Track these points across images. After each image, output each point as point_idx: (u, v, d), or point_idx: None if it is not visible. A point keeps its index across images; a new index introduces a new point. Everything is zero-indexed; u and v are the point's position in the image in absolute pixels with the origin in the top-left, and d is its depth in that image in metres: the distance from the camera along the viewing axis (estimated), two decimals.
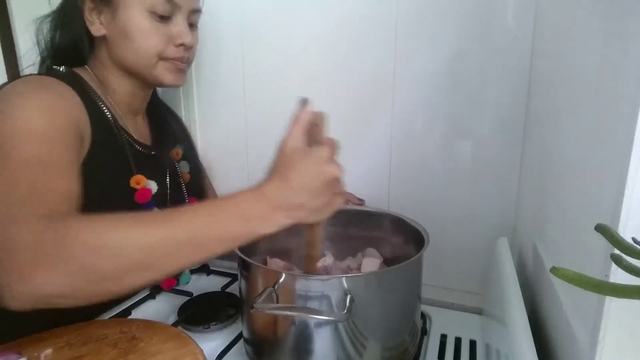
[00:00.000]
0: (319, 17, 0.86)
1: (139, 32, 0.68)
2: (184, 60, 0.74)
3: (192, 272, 0.91)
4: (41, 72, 0.73)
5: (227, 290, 0.83)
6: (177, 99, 1.01)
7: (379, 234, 0.74)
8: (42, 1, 0.73)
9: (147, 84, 0.77)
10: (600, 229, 0.26)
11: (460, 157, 0.81)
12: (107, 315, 0.74)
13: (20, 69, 0.98)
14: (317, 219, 0.51)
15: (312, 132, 0.51)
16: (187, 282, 0.86)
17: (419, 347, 0.65)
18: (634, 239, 0.25)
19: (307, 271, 0.61)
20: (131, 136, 0.76)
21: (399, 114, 0.83)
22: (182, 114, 1.01)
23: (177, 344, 0.58)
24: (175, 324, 0.69)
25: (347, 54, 0.84)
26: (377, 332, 0.56)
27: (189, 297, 0.79)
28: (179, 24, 0.71)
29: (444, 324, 0.73)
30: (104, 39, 0.71)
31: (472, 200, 0.81)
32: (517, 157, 0.77)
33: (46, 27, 0.73)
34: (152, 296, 0.81)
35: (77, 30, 0.70)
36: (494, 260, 0.68)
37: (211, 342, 0.66)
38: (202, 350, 0.57)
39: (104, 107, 0.71)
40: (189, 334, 0.61)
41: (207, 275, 0.91)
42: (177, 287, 0.84)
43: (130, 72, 0.73)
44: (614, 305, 0.33)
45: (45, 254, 0.43)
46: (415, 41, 0.79)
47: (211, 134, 1.02)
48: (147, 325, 0.63)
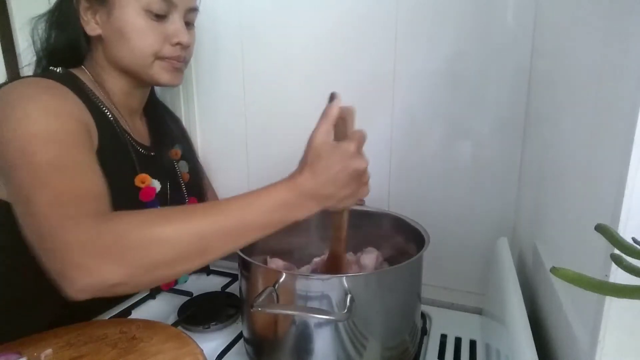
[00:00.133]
0: (318, 16, 0.86)
1: (135, 32, 0.68)
2: (180, 59, 0.73)
3: (192, 272, 0.91)
4: (38, 74, 0.72)
5: (227, 290, 0.83)
6: (177, 99, 1.01)
7: (379, 234, 0.74)
8: (42, 1, 0.73)
9: (144, 84, 0.77)
10: (600, 229, 0.26)
11: (460, 157, 0.81)
12: (107, 315, 0.74)
13: (20, 68, 0.98)
14: (344, 206, 0.57)
15: (340, 126, 0.55)
16: (185, 282, 0.86)
17: (419, 347, 0.65)
18: (634, 239, 0.25)
19: (334, 252, 0.65)
20: (132, 137, 0.76)
21: (399, 114, 0.83)
22: (182, 114, 1.01)
23: (177, 344, 0.58)
24: (175, 324, 0.69)
25: (347, 54, 0.84)
26: (377, 332, 0.56)
27: (189, 297, 0.79)
28: (175, 22, 0.71)
29: (444, 324, 0.73)
30: (99, 38, 0.70)
31: (472, 200, 0.81)
32: (517, 157, 0.77)
33: (41, 26, 0.72)
34: (152, 296, 0.81)
35: (72, 30, 0.70)
36: (494, 260, 0.68)
37: (211, 342, 0.66)
38: (202, 350, 0.57)
39: (104, 108, 0.70)
40: (189, 334, 0.61)
41: (207, 275, 0.91)
42: (177, 287, 0.84)
43: (126, 72, 0.72)
44: (614, 305, 0.33)
45: (104, 248, 0.46)
46: (415, 41, 0.79)
47: (211, 134, 1.02)
48: (147, 325, 0.63)
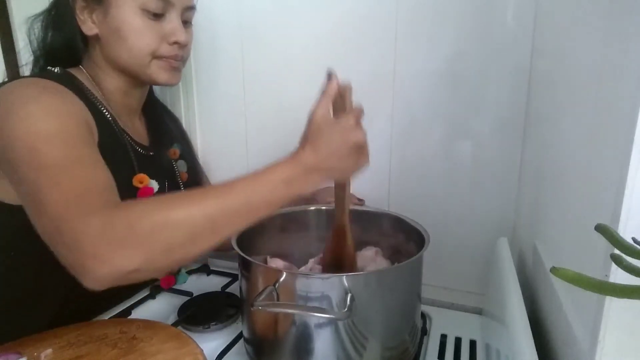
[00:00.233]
0: (318, 16, 0.86)
1: (132, 31, 0.68)
2: (178, 58, 0.73)
3: (192, 272, 0.91)
4: (35, 74, 0.71)
5: (227, 290, 0.83)
6: (177, 99, 1.01)
7: (379, 234, 0.74)
8: (43, 1, 0.72)
9: (142, 83, 0.76)
10: (600, 229, 0.26)
11: (460, 157, 0.81)
12: (107, 315, 0.74)
13: (19, 67, 0.98)
14: (345, 178, 0.62)
15: (339, 102, 0.58)
16: (185, 281, 0.86)
17: (419, 347, 0.65)
18: (634, 239, 0.25)
19: (339, 224, 0.67)
20: (130, 137, 0.75)
21: (399, 114, 0.83)
22: (182, 114, 1.01)
23: (177, 344, 0.58)
24: (175, 324, 0.69)
25: (347, 54, 0.84)
26: (377, 331, 0.56)
27: (189, 297, 0.79)
28: (172, 21, 0.70)
29: (444, 324, 0.73)
30: (96, 38, 0.70)
31: (472, 200, 0.81)
32: (517, 157, 0.77)
33: (38, 26, 0.72)
34: (152, 296, 0.81)
35: (69, 29, 0.70)
36: (494, 260, 0.68)
37: (211, 342, 0.66)
38: (202, 350, 0.57)
39: (103, 108, 0.70)
40: (189, 334, 0.61)
41: (207, 275, 0.91)
42: (177, 287, 0.84)
43: (124, 71, 0.72)
44: (614, 305, 0.33)
45: (119, 236, 0.47)
46: (415, 41, 0.79)
47: (211, 133, 1.02)
48: (147, 325, 0.63)
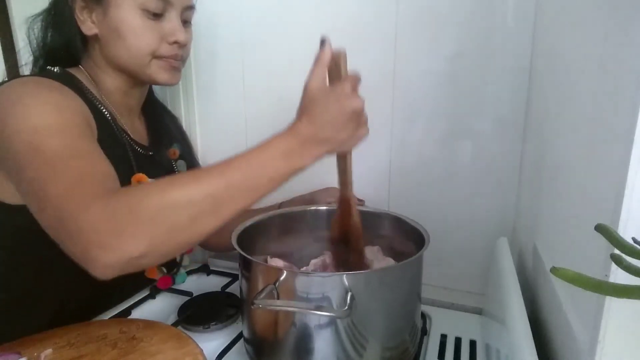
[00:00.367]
0: (318, 16, 0.86)
1: (131, 31, 0.68)
2: (178, 57, 0.73)
3: (192, 272, 0.91)
4: (35, 73, 0.72)
5: (227, 290, 0.83)
6: (177, 99, 1.01)
7: (379, 234, 0.74)
8: (43, 0, 0.72)
9: (142, 83, 0.76)
10: (600, 229, 0.26)
11: (460, 157, 0.81)
12: (107, 315, 0.74)
13: (19, 67, 0.98)
14: (345, 149, 0.59)
15: (334, 70, 0.56)
16: (183, 281, 0.86)
17: (419, 347, 0.65)
18: (634, 239, 0.25)
19: (343, 197, 0.66)
20: (130, 136, 0.76)
21: (399, 114, 0.83)
22: (182, 114, 1.01)
23: (177, 344, 0.58)
24: (175, 324, 0.69)
25: (347, 54, 0.84)
26: (377, 331, 0.56)
27: (189, 297, 0.79)
28: (171, 21, 0.70)
29: (444, 324, 0.73)
30: (96, 38, 0.70)
31: (472, 200, 0.81)
32: (517, 157, 0.77)
33: (37, 26, 0.72)
34: (152, 296, 0.81)
35: (68, 29, 0.70)
36: (494, 260, 0.68)
37: (211, 342, 0.66)
38: (202, 350, 0.57)
39: (103, 108, 0.70)
40: (189, 334, 0.61)
41: (207, 275, 0.91)
42: (177, 287, 0.84)
43: (124, 71, 0.72)
44: (614, 305, 0.33)
45: (122, 222, 0.46)
46: (415, 41, 0.79)
47: (211, 133, 1.02)
48: (147, 325, 0.63)
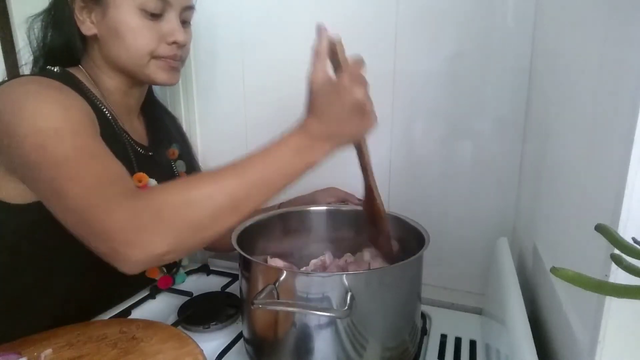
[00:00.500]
0: (318, 16, 0.85)
1: (130, 31, 0.68)
2: (177, 58, 0.73)
3: (191, 272, 0.91)
4: (35, 73, 0.72)
5: (227, 290, 0.83)
6: (177, 99, 1.01)
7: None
8: (43, 0, 0.72)
9: (141, 83, 0.76)
10: (600, 229, 0.26)
11: (460, 157, 0.81)
12: (107, 315, 0.74)
13: (19, 67, 0.98)
14: (355, 141, 0.60)
15: (332, 59, 0.57)
16: (183, 281, 0.86)
17: (419, 347, 0.65)
18: (634, 239, 0.25)
19: (365, 185, 0.65)
20: (129, 136, 0.76)
21: (399, 114, 0.83)
22: (182, 114, 1.01)
23: (177, 344, 0.58)
24: (175, 324, 0.69)
25: (347, 54, 0.84)
26: (377, 331, 0.56)
27: (189, 297, 0.79)
28: (170, 21, 0.70)
29: (444, 324, 0.73)
30: (95, 38, 0.70)
31: (472, 200, 0.81)
32: (517, 157, 0.77)
33: (37, 26, 0.72)
34: (152, 296, 0.81)
35: (67, 29, 0.70)
36: (494, 260, 0.68)
37: (211, 342, 0.66)
38: (202, 350, 0.57)
39: (103, 108, 0.70)
40: (189, 334, 0.61)
41: (207, 275, 0.91)
42: (177, 287, 0.84)
43: (123, 71, 0.72)
44: (614, 305, 0.33)
45: (146, 222, 0.49)
46: (415, 41, 0.79)
47: (211, 133, 1.02)
48: (147, 325, 0.63)
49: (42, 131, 0.55)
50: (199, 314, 0.72)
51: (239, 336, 0.67)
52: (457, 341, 0.68)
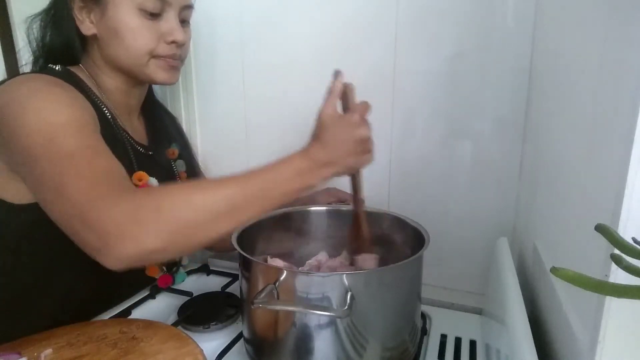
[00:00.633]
0: (319, 16, 0.86)
1: (129, 31, 0.68)
2: (176, 57, 0.73)
3: (191, 272, 0.91)
4: (36, 71, 0.72)
5: (227, 290, 0.83)
6: (177, 99, 1.01)
7: (379, 234, 0.74)
8: (43, 0, 0.72)
9: (141, 82, 0.76)
10: (600, 229, 0.26)
11: (460, 157, 0.81)
12: (107, 315, 0.74)
13: (19, 67, 0.98)
14: (352, 171, 0.65)
15: (344, 100, 0.63)
16: (183, 281, 0.86)
17: (419, 347, 0.65)
18: (634, 239, 0.25)
19: (358, 211, 0.70)
20: (129, 135, 0.76)
21: (399, 114, 0.83)
22: (182, 113, 1.01)
23: (177, 344, 0.58)
24: (175, 324, 0.69)
25: (347, 54, 0.84)
26: (377, 331, 0.56)
27: (189, 297, 0.79)
28: (169, 20, 0.70)
29: (444, 324, 0.73)
30: (95, 37, 0.70)
31: (472, 200, 0.81)
32: (517, 157, 0.77)
33: (36, 26, 0.72)
34: (152, 296, 0.81)
35: (67, 29, 0.70)
36: (494, 260, 0.68)
37: (211, 342, 0.66)
38: (202, 350, 0.57)
39: (102, 107, 0.71)
40: (189, 334, 0.61)
41: (207, 275, 0.91)
42: (177, 287, 0.84)
43: (122, 71, 0.72)
44: (614, 305, 0.33)
45: (144, 214, 0.50)
46: (415, 41, 0.79)
47: (211, 133, 1.02)
48: (147, 325, 0.63)
49: (49, 127, 0.56)
50: (199, 314, 0.72)
51: (239, 336, 0.67)
52: (457, 341, 0.68)
